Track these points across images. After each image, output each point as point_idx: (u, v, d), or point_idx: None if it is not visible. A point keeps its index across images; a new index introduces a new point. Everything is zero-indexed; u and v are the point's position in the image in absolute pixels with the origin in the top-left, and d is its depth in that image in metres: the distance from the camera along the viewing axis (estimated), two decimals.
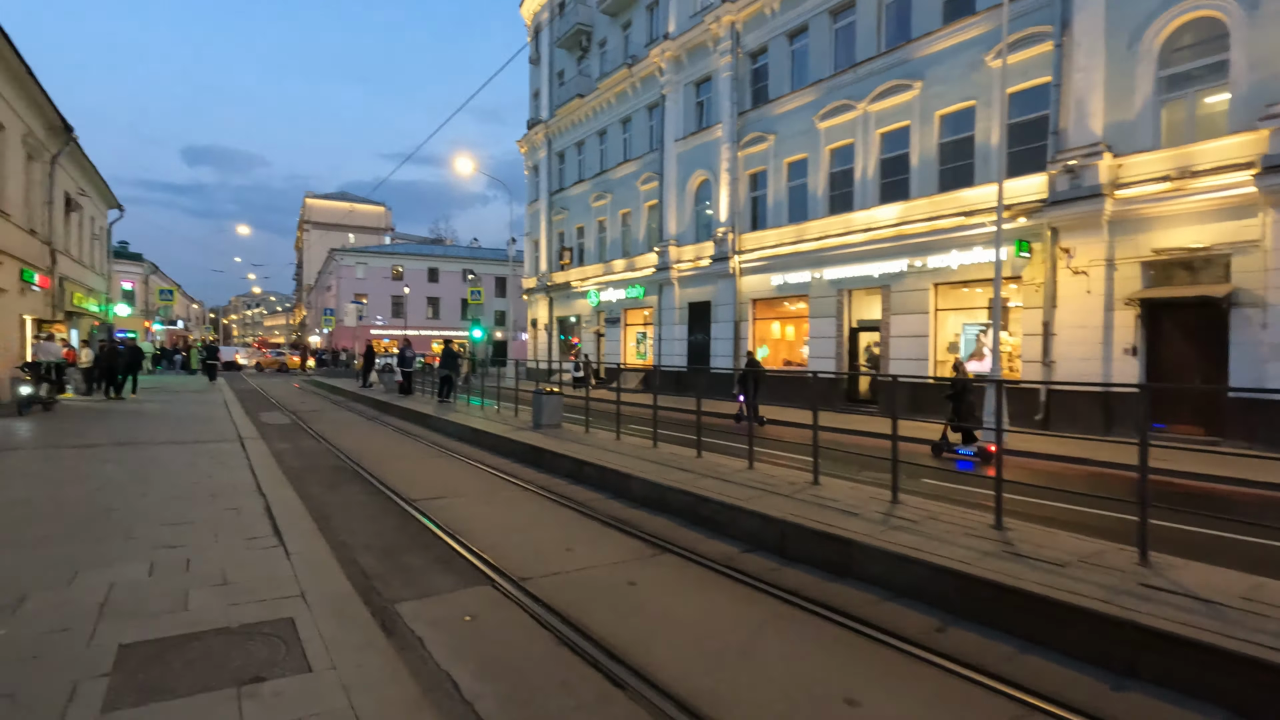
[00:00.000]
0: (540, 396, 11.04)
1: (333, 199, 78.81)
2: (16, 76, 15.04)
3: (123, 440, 10.05)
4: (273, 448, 10.18)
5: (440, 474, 8.80)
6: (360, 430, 13.14)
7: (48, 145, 18.20)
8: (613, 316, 28.32)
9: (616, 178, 28.13)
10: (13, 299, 15.48)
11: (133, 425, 11.98)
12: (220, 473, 7.65)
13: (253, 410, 16.36)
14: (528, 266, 36.44)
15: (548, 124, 32.89)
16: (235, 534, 5.18)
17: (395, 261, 57.32)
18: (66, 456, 8.58)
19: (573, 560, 5.18)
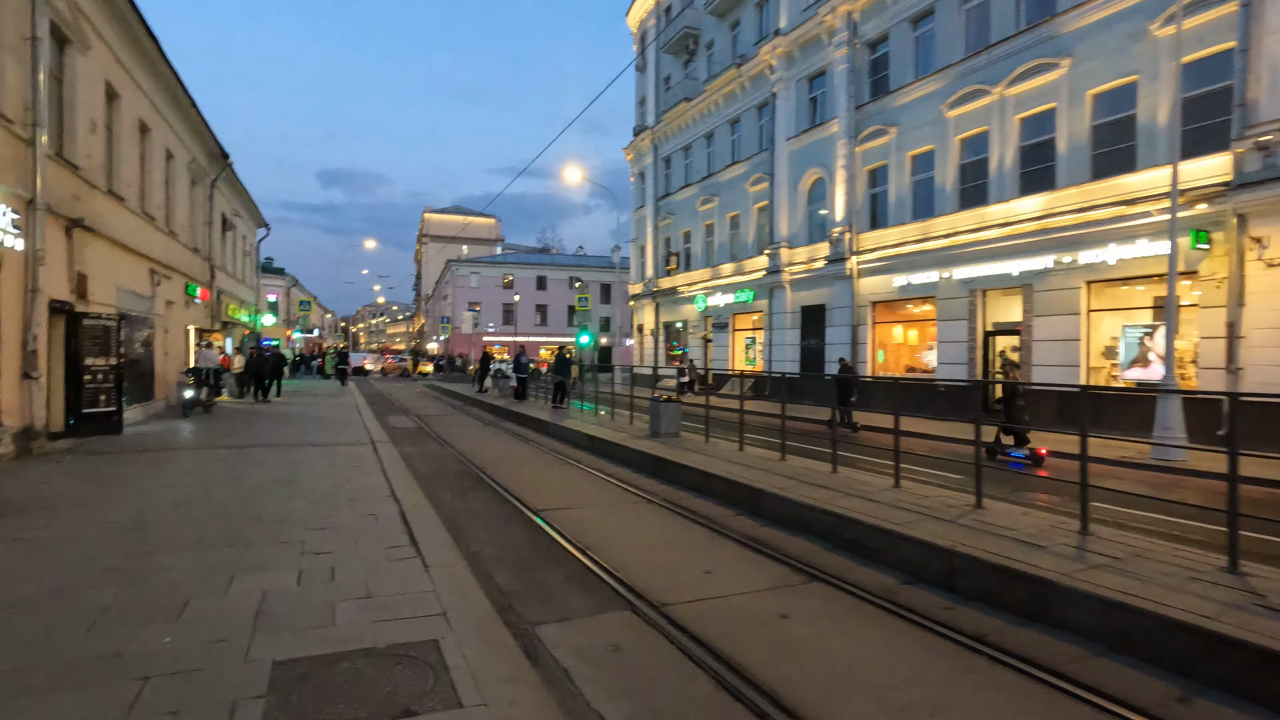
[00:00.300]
0: (658, 404, 10.76)
1: (448, 213, 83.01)
2: (183, 110, 16.62)
3: (270, 442, 10.69)
4: (401, 451, 10.50)
5: (562, 482, 8.69)
6: (481, 435, 13.41)
7: (208, 171, 20.06)
8: (721, 321, 27.80)
9: (724, 180, 27.63)
10: (179, 310, 17.09)
11: (277, 427, 12.79)
12: (357, 477, 7.87)
13: (381, 413, 17.19)
14: (634, 273, 36.58)
15: (654, 130, 32.90)
16: (375, 541, 5.18)
17: (506, 270, 59.49)
18: (222, 457, 9.17)
19: (713, 585, 4.79)
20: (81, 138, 10.83)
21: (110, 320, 11.00)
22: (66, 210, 10.13)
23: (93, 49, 11.18)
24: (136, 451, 9.50)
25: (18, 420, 8.70)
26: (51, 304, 9.65)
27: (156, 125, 14.99)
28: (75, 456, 8.97)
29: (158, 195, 15.23)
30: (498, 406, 18.13)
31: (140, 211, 13.86)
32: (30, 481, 7.23)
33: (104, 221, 11.71)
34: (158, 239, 15.07)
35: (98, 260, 11.41)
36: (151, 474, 7.84)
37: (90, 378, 10.63)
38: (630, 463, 9.76)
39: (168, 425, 12.79)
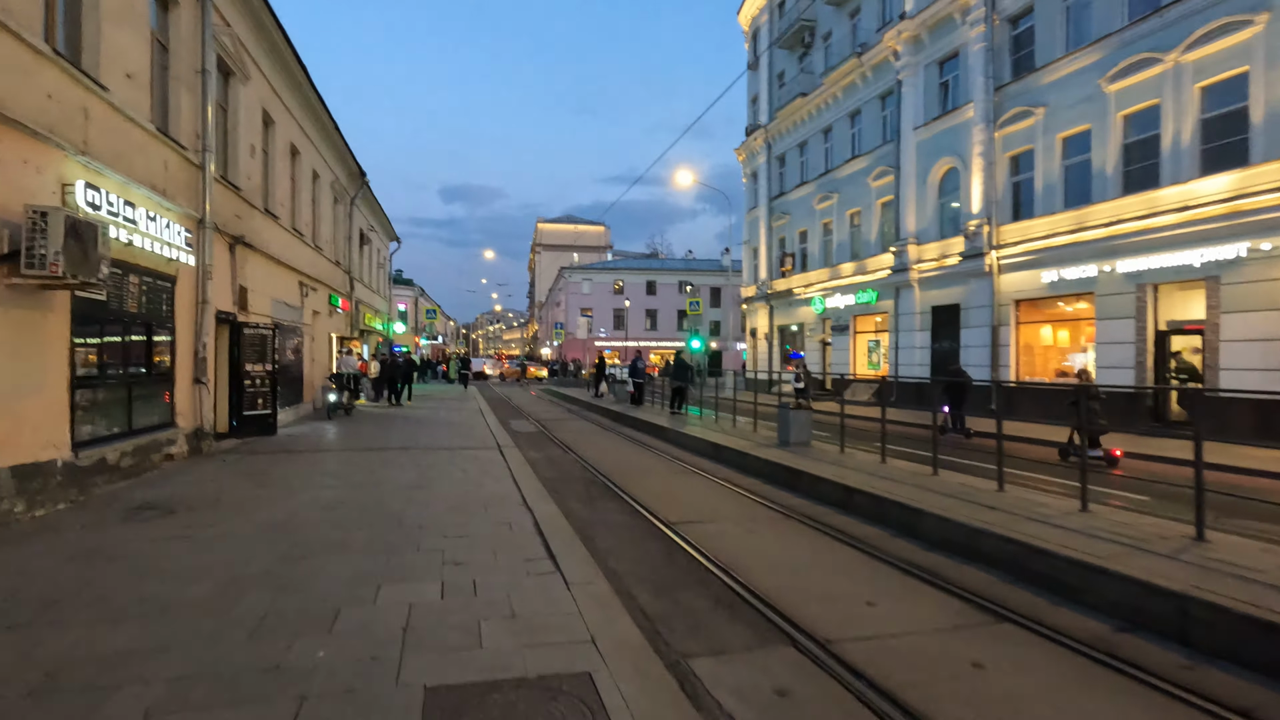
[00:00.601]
0: (788, 412, 10.17)
1: (559, 223, 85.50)
2: (328, 134, 17.87)
3: (404, 445, 11.08)
4: (527, 456, 10.55)
5: (691, 493, 8.32)
6: (601, 441, 13.34)
7: (348, 190, 21.52)
8: (840, 324, 26.53)
9: (843, 176, 26.37)
10: (323, 319, 18.37)
11: (410, 430, 13.31)
12: (488, 482, 7.89)
13: (503, 418, 17.62)
14: (746, 275, 35.80)
15: (767, 128, 32.03)
16: (513, 552, 5.03)
17: (616, 276, 60.29)
18: (362, 459, 9.56)
19: (880, 619, 4.24)
20: (242, 161, 11.76)
21: (266, 329, 11.85)
22: (230, 228, 11.00)
23: (252, 79, 12.13)
24: (288, 452, 10.10)
25: (190, 422, 9.47)
26: (217, 315, 10.47)
27: (305, 148, 16.16)
28: (237, 456, 9.65)
29: (306, 213, 16.40)
30: (615, 411, 18.09)
31: (291, 228, 14.95)
32: (199, 480, 7.78)
33: (261, 238, 12.66)
34: (305, 253, 16.22)
35: (256, 274, 12.34)
36: (302, 475, 8.24)
37: (250, 383, 11.48)
38: (760, 473, 9.24)
39: (314, 427, 13.65)
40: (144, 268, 8.15)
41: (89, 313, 7.03)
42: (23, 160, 5.96)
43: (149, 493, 7.00)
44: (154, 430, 8.44)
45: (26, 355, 6.03)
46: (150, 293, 8.39)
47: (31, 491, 5.96)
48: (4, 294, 5.72)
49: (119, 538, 5.32)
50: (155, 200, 8.29)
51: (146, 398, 8.41)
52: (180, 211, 9.04)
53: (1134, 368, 15.15)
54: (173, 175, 8.91)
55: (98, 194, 6.87)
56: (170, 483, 7.55)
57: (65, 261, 5.71)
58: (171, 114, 9.16)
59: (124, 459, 7.56)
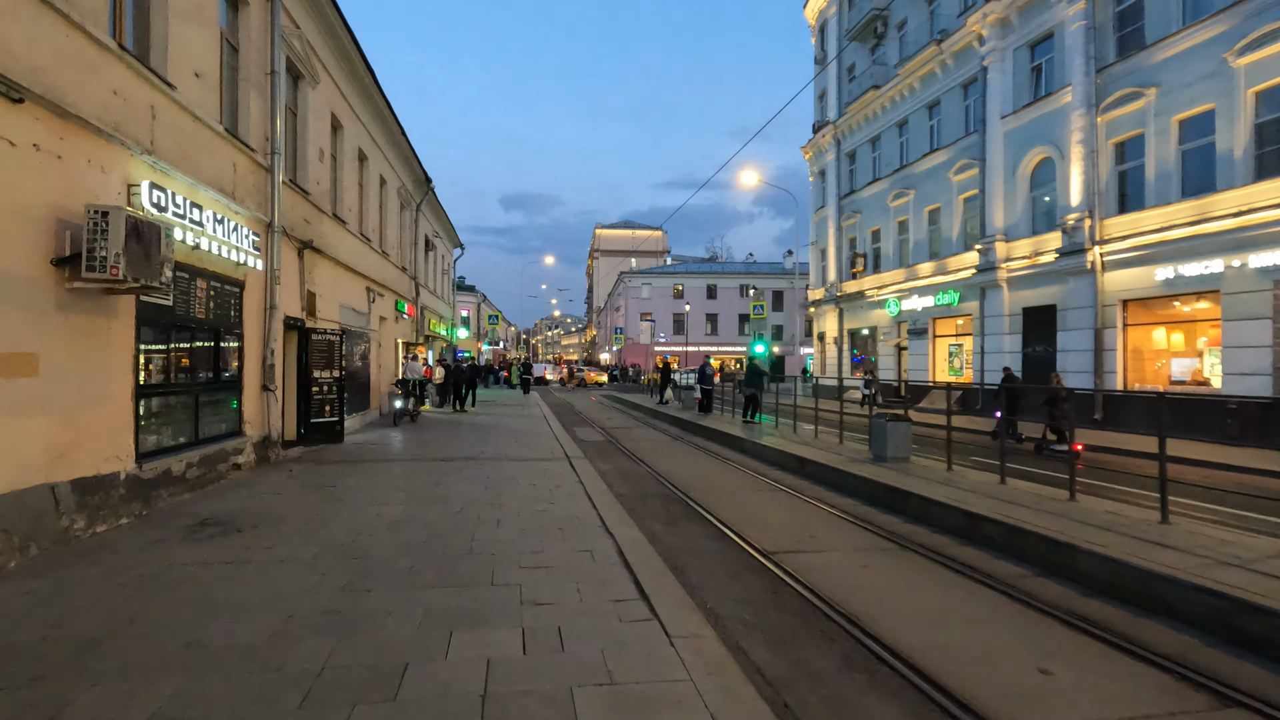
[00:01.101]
0: (885, 423, 9.22)
1: (617, 228, 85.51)
2: (394, 140, 17.85)
3: (471, 455, 10.64)
4: (597, 468, 9.95)
5: (782, 514, 7.51)
6: (673, 452, 12.63)
7: (414, 196, 21.57)
8: (918, 327, 25.06)
9: (921, 171, 24.95)
10: (390, 325, 18.33)
11: (476, 439, 12.93)
12: (560, 499, 7.30)
13: (568, 425, 17.14)
14: (813, 277, 34.52)
15: (836, 124, 30.77)
16: (598, 590, 4.38)
17: (676, 280, 59.59)
18: (429, 471, 9.13)
19: (1068, 697, 3.37)
20: (311, 165, 11.61)
21: (334, 335, 11.65)
22: (298, 233, 10.83)
23: (321, 83, 12.00)
24: (355, 462, 9.79)
25: (258, 431, 9.25)
26: (285, 320, 10.28)
27: (372, 154, 16.10)
28: (304, 465, 9.37)
29: (373, 218, 16.35)
30: (683, 420, 17.36)
31: (359, 234, 14.86)
32: (265, 492, 7.46)
33: (329, 243, 12.52)
34: (373, 259, 16.15)
35: (324, 279, 12.19)
36: (368, 487, 7.84)
37: (317, 390, 11.28)
38: (857, 493, 8.34)
39: (380, 434, 13.43)
40: (211, 272, 7.92)
41: (154, 318, 6.78)
42: (86, 159, 5.70)
43: (213, 506, 6.68)
44: (221, 440, 8.21)
45: (90, 363, 5.76)
46: (218, 298, 8.16)
47: (93, 506, 5.67)
48: (66, 298, 5.45)
49: (175, 561, 4.92)
50: (223, 203, 8.07)
51: (213, 406, 8.18)
52: (248, 215, 8.83)
53: (1271, 374, 13.44)
54: (241, 178, 8.70)
55: (163, 195, 6.61)
56: (235, 495, 7.24)
57: (126, 264, 5.40)
58: (240, 115, 8.98)
59: (190, 470, 7.30)
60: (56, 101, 5.23)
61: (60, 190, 5.39)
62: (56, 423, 5.37)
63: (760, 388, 14.90)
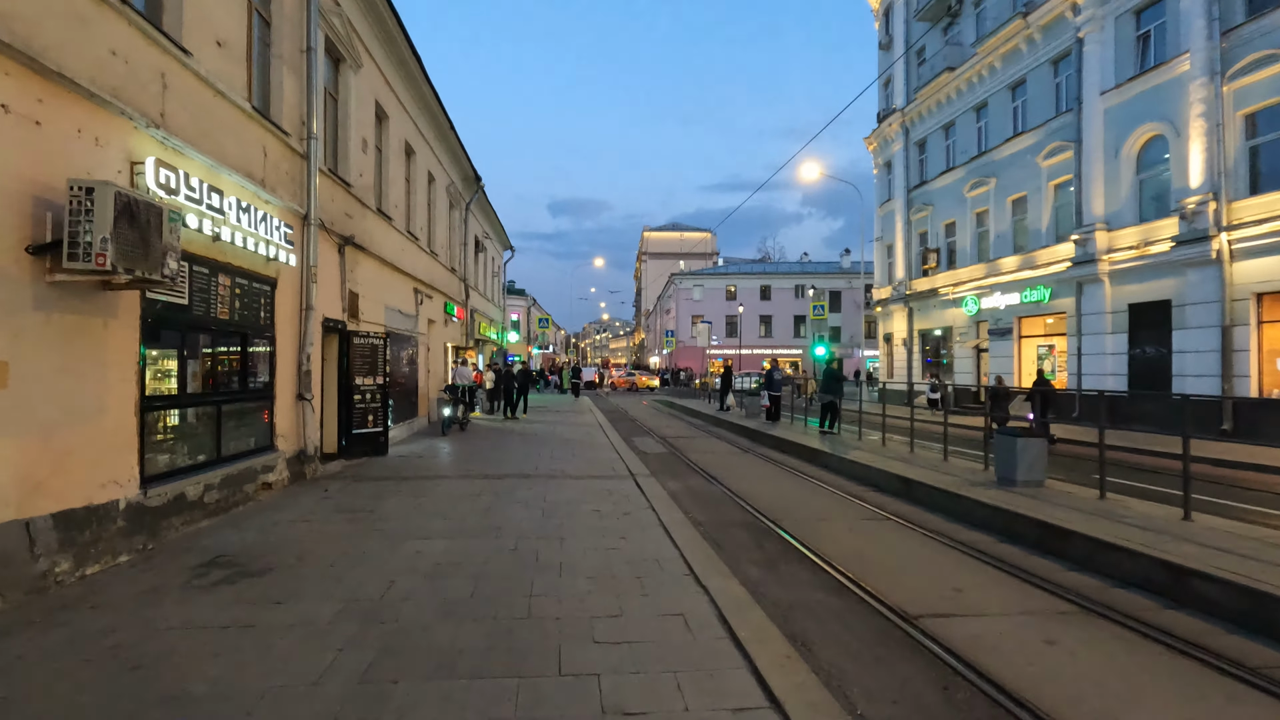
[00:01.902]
0: (1012, 439, 7.67)
1: (665, 230, 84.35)
2: (443, 134, 17.06)
3: (524, 471, 9.55)
4: (666, 488, 8.73)
5: (905, 556, 6.12)
6: (746, 468, 11.30)
7: (463, 195, 20.81)
8: (1001, 327, 23.01)
9: (1003, 157, 22.92)
10: (438, 328, 17.53)
11: (529, 451, 11.87)
12: (632, 533, 6.09)
13: (625, 433, 15.98)
14: (878, 275, 32.57)
15: (904, 111, 28.86)
16: (705, 685, 3.16)
17: (729, 281, 57.96)
18: (478, 492, 8.06)
19: None
20: (354, 156, 10.76)
21: (378, 339, 10.76)
22: (339, 228, 9.96)
23: (364, 68, 11.15)
24: (398, 479, 8.81)
25: (292, 445, 8.35)
26: (325, 323, 9.40)
27: (420, 148, 15.30)
28: (342, 483, 8.43)
29: (420, 216, 15.54)
30: (748, 428, 15.98)
31: (406, 231, 14.04)
32: (291, 520, 6.48)
33: (373, 240, 11.67)
34: (420, 259, 15.33)
35: (367, 278, 11.34)
36: (408, 513, 6.80)
37: (360, 398, 10.39)
38: (987, 526, 6.87)
39: (427, 445, 12.51)
40: (237, 267, 7.01)
41: (166, 318, 5.86)
42: (76, 128, 4.78)
43: (229, 539, 5.71)
44: (248, 456, 7.30)
45: (79, 371, 4.83)
46: (245, 296, 7.26)
47: (82, 544, 4.73)
48: (46, 295, 4.52)
49: (163, 623, 3.90)
50: (250, 190, 7.17)
51: (240, 418, 7.27)
52: (281, 205, 7.94)
53: None
54: (273, 164, 7.81)
55: (174, 175, 5.68)
56: (258, 523, 6.28)
57: (116, 251, 4.44)
58: (273, 95, 8.11)
59: (209, 494, 6.38)
60: (29, 53, 4.30)
61: (38, 163, 4.46)
62: (33, 445, 4.43)
63: (839, 394, 13.40)
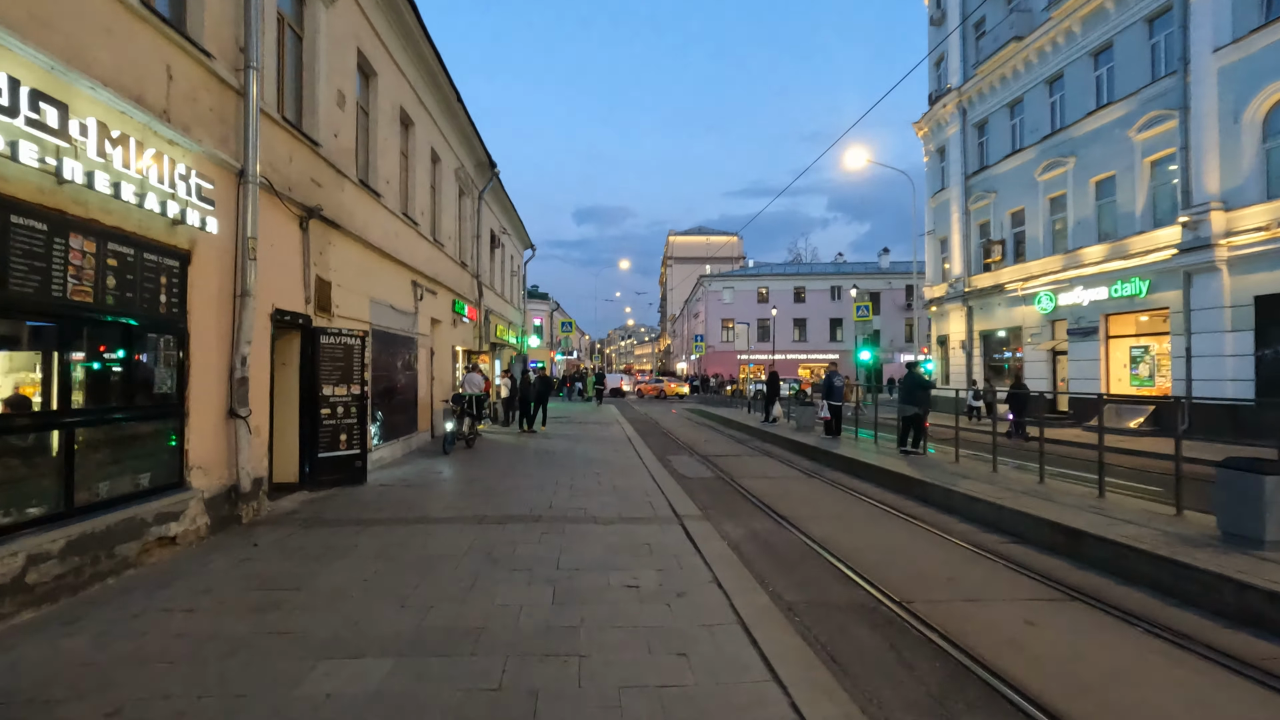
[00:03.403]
0: (1259, 479, 5.12)
1: (690, 234, 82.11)
2: (450, 109, 14.95)
3: (536, 509, 7.24)
4: (726, 534, 6.40)
5: (1151, 687, 3.67)
6: (822, 500, 8.84)
7: (476, 182, 18.70)
8: (1084, 326, 20.18)
9: (1084, 133, 20.16)
10: (445, 330, 15.38)
11: (546, 477, 9.58)
12: (692, 630, 3.74)
13: (659, 451, 13.62)
14: (931, 272, 29.78)
15: (961, 90, 26.17)
16: None
17: (761, 283, 55.25)
18: (468, 549, 5.77)
19: None
20: (325, 110, 8.61)
21: (354, 337, 8.57)
22: (301, 195, 7.79)
23: (338, 2, 9.00)
24: (363, 524, 6.55)
25: (217, 479, 6.14)
26: (277, 316, 7.22)
27: (420, 120, 13.17)
28: (284, 532, 6.19)
29: (422, 198, 13.41)
30: (806, 445, 13.50)
31: (401, 214, 11.89)
32: (163, 608, 4.24)
33: (354, 218, 9.52)
34: (421, 247, 13.19)
35: (345, 264, 9.18)
36: (347, 595, 4.52)
37: (329, 412, 8.19)
38: (1255, 619, 4.37)
39: (422, 469, 10.27)
40: (110, 228, 4.82)
41: None
42: None
43: (32, 656, 3.48)
44: (132, 502, 5.08)
45: None
46: (130, 272, 5.07)
47: None
48: None
49: None
50: (139, 119, 4.99)
51: (119, 447, 5.07)
52: (197, 151, 5.76)
53: None
54: (184, 91, 5.64)
55: None
56: (102, 618, 4.05)
57: None
58: (191, 1, 5.96)
59: (40, 569, 4.16)
60: None
61: None
62: None
63: (927, 405, 10.84)
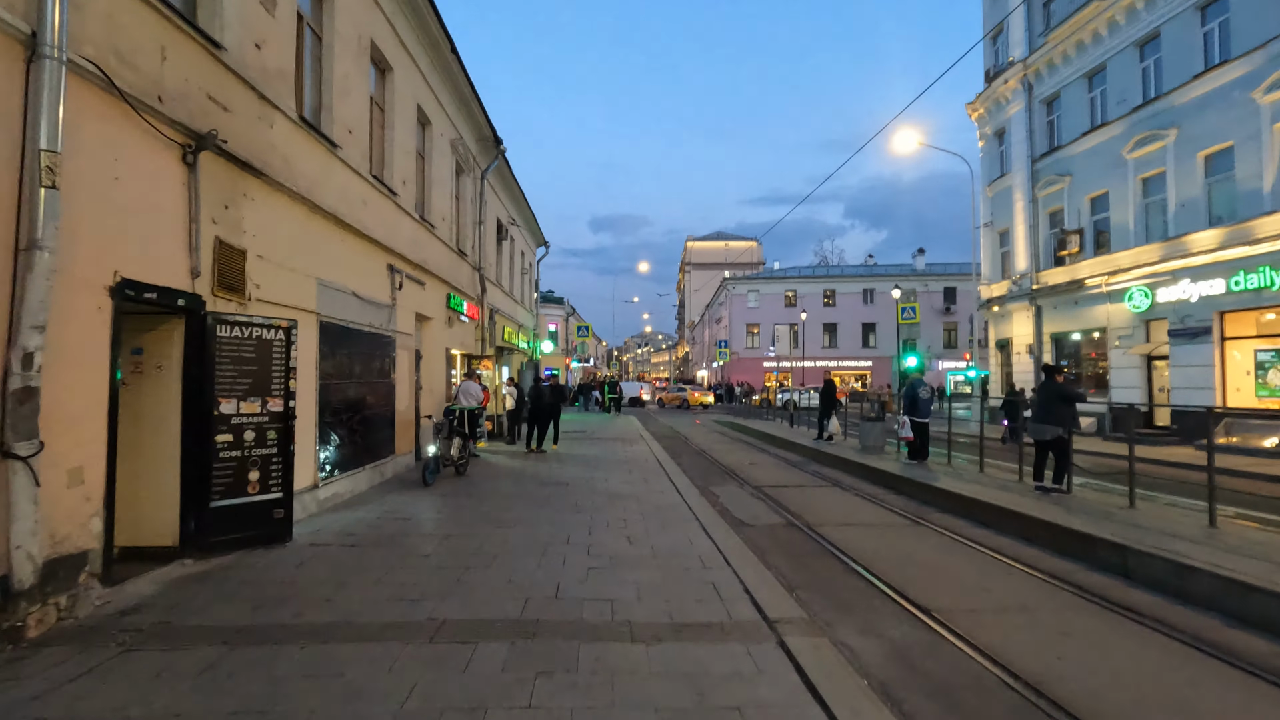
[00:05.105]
0: None
1: (709, 240, 79.58)
2: (443, 63, 12.36)
3: (534, 609, 4.48)
4: (858, 660, 3.60)
5: None
6: (964, 569, 5.96)
7: (478, 160, 16.10)
8: (1190, 326, 17.10)
9: (1189, 100, 17.16)
10: (438, 329, 12.74)
11: (550, 530, 6.83)
12: None
13: (699, 479, 10.85)
14: (988, 269, 26.73)
15: (1026, 62, 23.22)
16: None
17: (787, 286, 52.20)
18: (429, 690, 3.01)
19: None
20: (234, 4, 5.97)
21: (273, 329, 5.90)
22: (184, 113, 5.17)
23: None
24: (240, 641, 3.83)
25: None
26: (128, 293, 4.57)
27: (402, 66, 10.59)
28: (79, 667, 3.49)
29: (404, 165, 10.80)
30: (883, 472, 10.64)
31: (371, 177, 9.27)
32: None
33: (293, 169, 6.90)
34: (403, 225, 10.58)
35: (276, 230, 6.56)
36: None
37: (230, 439, 5.51)
38: None
39: (386, 511, 7.55)
40: None
41: None
42: None
43: None
44: None
45: None
46: None
47: None
48: None
49: None
50: None
51: None
52: None
53: None
54: None
55: None
56: None
57: None
58: None
59: None
60: None
61: None
62: None
63: (1073, 424, 7.90)
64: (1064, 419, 7.92)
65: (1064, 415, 7.92)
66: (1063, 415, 7.92)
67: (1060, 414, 7.93)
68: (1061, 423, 7.93)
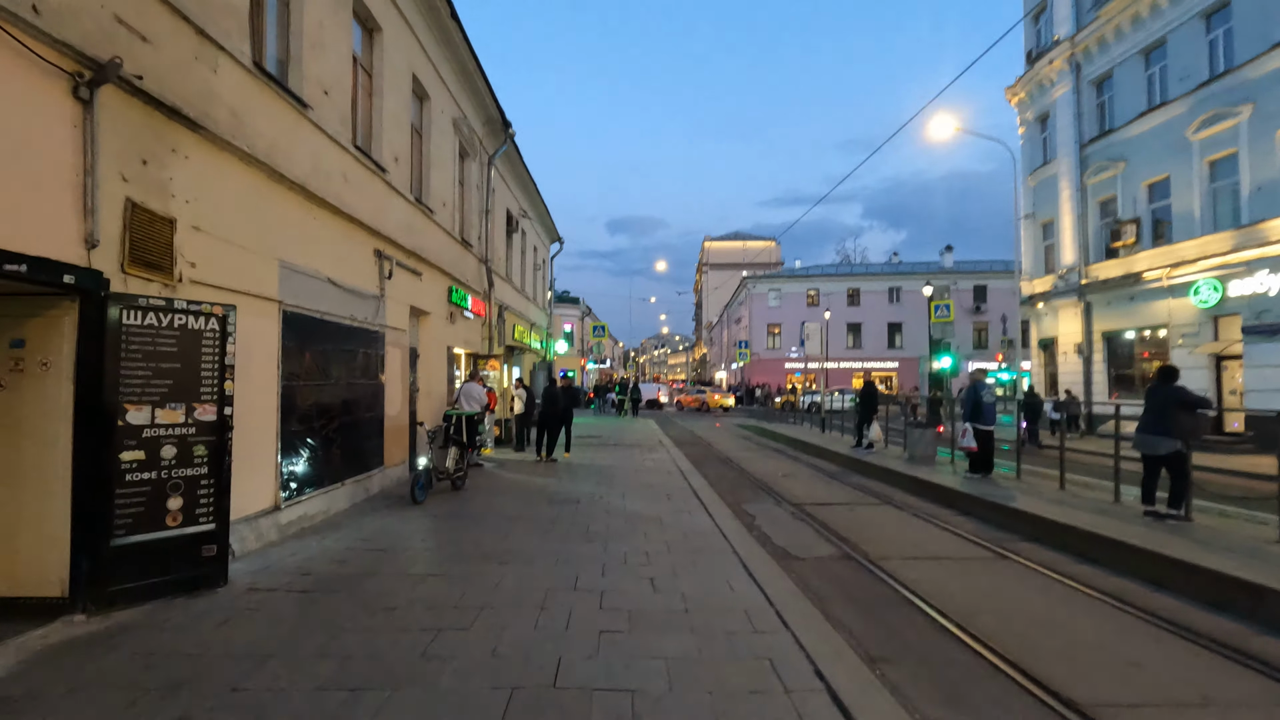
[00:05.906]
0: None
1: (726, 240, 78.09)
2: (443, 31, 11.18)
3: (526, 718, 3.20)
4: None
5: None
6: (1054, 611, 4.69)
7: (484, 143, 14.90)
8: (1270, 322, 15.43)
9: (1264, 74, 15.52)
10: (438, 324, 11.53)
11: (559, 568, 5.54)
12: None
13: (725, 489, 9.53)
14: (1030, 263, 25.05)
15: (1074, 40, 21.58)
16: None
17: (810, 285, 50.55)
18: None
19: None
20: None
21: (201, 317, 4.67)
22: (68, 31, 3.96)
23: None
24: None
25: None
26: (21, 269, 3.35)
27: (392, 26, 9.39)
28: None
29: (396, 140, 9.59)
30: (942, 487, 9.25)
31: (353, 146, 8.05)
32: None
33: (245, 127, 5.69)
34: (394, 206, 9.37)
35: (221, 197, 5.35)
36: None
37: (139, 458, 4.29)
38: None
39: (361, 537, 6.32)
40: None
41: None
42: None
43: None
44: None
45: None
46: None
47: None
48: None
49: None
50: None
51: None
52: None
53: None
54: None
55: None
56: None
57: None
58: None
59: None
60: None
61: None
62: None
63: (1191, 438, 6.49)
64: (1184, 430, 6.48)
65: (1184, 425, 6.48)
66: (1183, 425, 6.48)
67: (1180, 423, 6.49)
68: (1181, 435, 6.48)
